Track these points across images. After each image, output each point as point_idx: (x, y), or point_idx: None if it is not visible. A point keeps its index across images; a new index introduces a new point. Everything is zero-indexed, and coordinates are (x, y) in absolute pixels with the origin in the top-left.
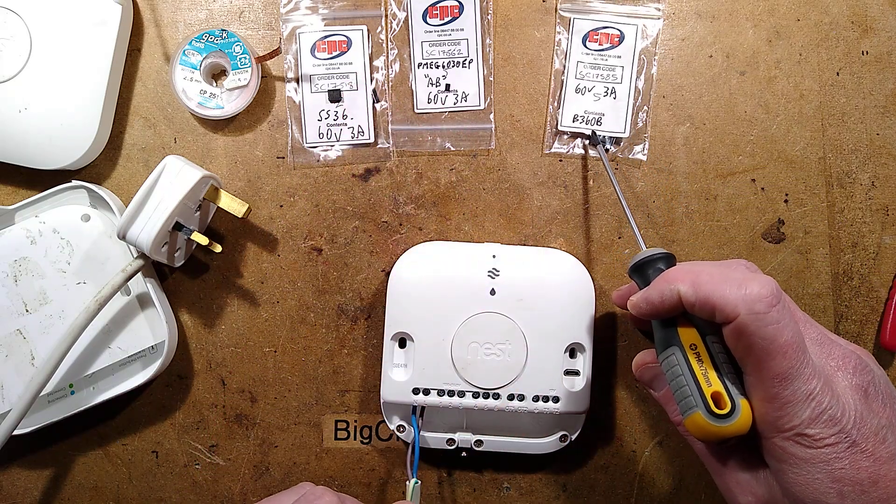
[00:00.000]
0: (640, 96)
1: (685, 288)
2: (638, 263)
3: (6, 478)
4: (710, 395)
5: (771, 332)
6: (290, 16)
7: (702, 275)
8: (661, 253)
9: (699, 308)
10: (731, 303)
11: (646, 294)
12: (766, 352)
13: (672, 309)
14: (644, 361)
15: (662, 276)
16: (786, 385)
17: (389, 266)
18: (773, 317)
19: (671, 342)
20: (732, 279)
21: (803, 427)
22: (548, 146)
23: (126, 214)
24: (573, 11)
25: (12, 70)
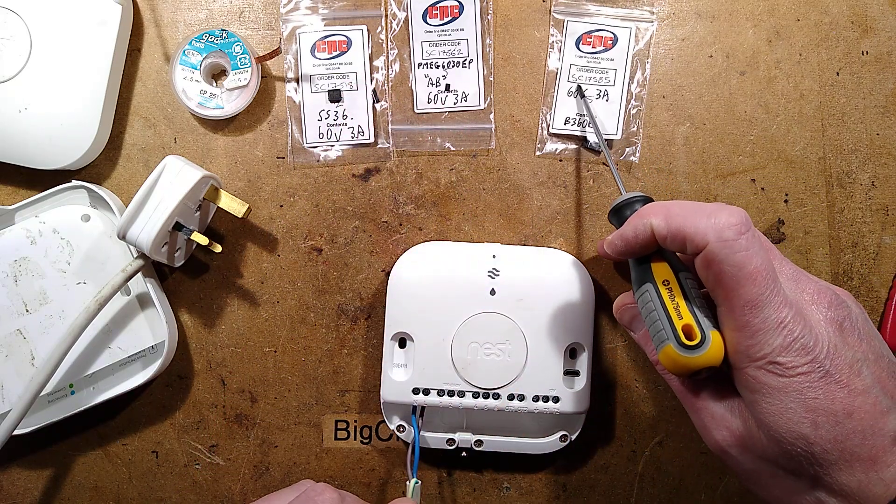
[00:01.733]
0: (633, 99)
1: (657, 221)
2: (616, 206)
3: (6, 478)
4: (682, 328)
5: (740, 259)
6: (290, 16)
7: (673, 207)
8: (639, 196)
9: (671, 240)
10: (701, 231)
11: (621, 231)
12: (735, 279)
13: (646, 244)
14: (623, 303)
15: (637, 213)
16: (756, 312)
17: (389, 266)
18: (741, 244)
19: (645, 279)
20: (703, 210)
21: (774, 355)
22: (540, 148)
23: (126, 214)
24: (567, 14)
25: (12, 70)
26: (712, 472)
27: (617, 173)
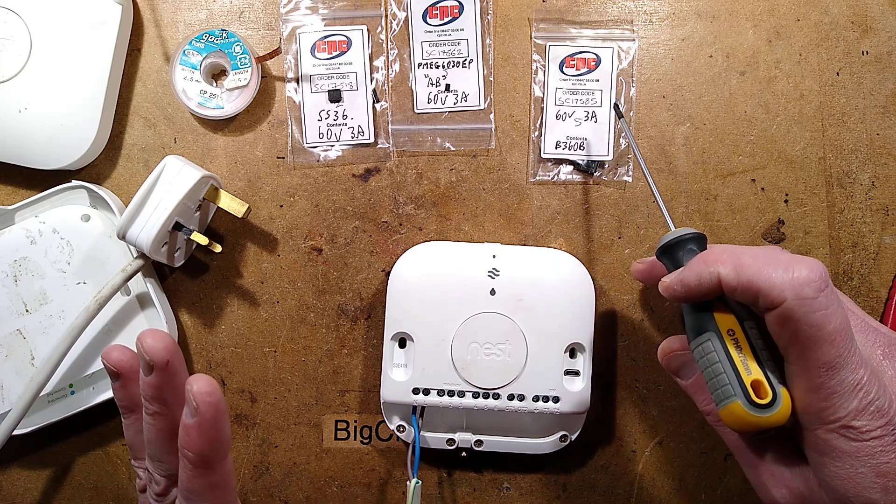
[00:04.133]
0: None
1: (727, 270)
2: (668, 244)
3: (6, 478)
4: (751, 384)
5: (819, 319)
6: (290, 16)
7: (744, 256)
8: (693, 233)
9: (741, 292)
10: (778, 287)
11: (681, 276)
12: (813, 339)
13: (709, 292)
14: (671, 349)
15: (701, 258)
16: (833, 374)
17: (389, 266)
18: (821, 302)
19: (706, 328)
20: (778, 261)
21: (849, 419)
22: (532, 174)
23: (126, 214)
24: (548, 38)
25: (12, 70)
26: (712, 472)
27: (663, 204)
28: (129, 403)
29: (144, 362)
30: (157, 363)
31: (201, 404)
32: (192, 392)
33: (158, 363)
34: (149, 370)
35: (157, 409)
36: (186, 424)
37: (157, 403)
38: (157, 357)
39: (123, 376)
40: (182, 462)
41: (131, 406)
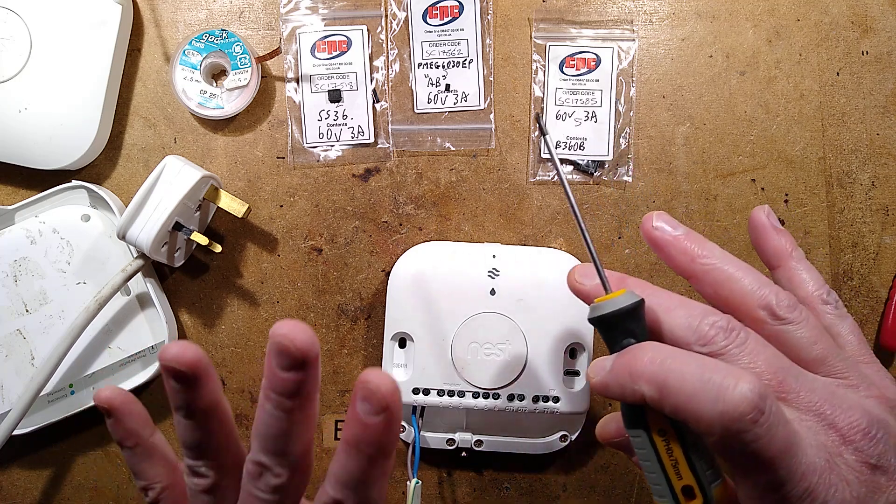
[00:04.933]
0: (621, 118)
1: (650, 392)
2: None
3: (6, 478)
4: (681, 489)
5: (753, 449)
6: (290, 16)
7: (671, 377)
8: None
9: (669, 413)
10: (706, 420)
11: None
12: (750, 465)
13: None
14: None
15: (625, 365)
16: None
17: (389, 266)
18: (755, 434)
19: (638, 423)
20: (708, 384)
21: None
22: (532, 174)
23: (126, 214)
24: (548, 38)
25: (12, 70)
26: None
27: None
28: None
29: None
30: (309, 358)
31: (391, 401)
32: (378, 389)
33: (311, 358)
34: (296, 366)
35: (298, 405)
36: (370, 423)
37: (300, 399)
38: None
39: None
40: (356, 454)
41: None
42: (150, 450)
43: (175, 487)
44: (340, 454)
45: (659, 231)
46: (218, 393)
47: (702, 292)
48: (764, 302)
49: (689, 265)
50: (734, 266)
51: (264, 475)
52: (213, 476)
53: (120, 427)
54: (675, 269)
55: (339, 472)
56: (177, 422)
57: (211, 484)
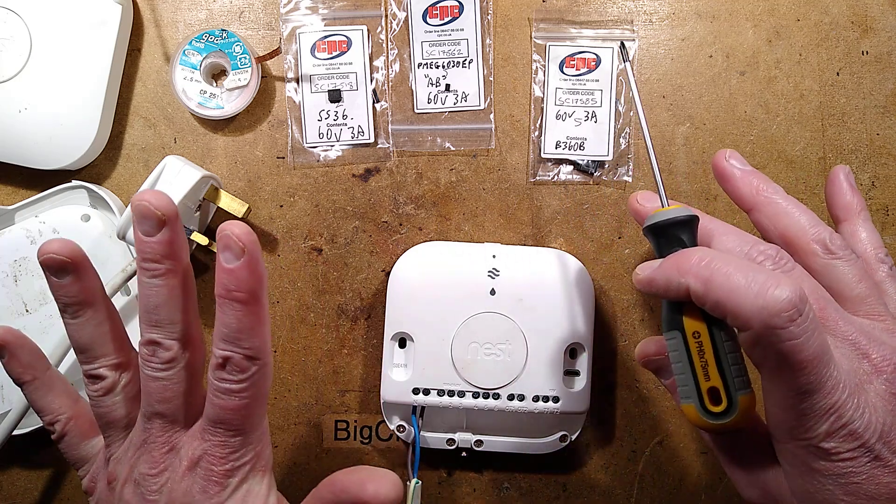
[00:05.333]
0: (621, 118)
1: (696, 285)
2: (653, 226)
3: (6, 478)
4: (707, 391)
5: (787, 349)
6: (290, 16)
7: (717, 274)
8: (682, 217)
9: (710, 309)
10: (745, 314)
11: (651, 276)
12: (782, 366)
13: (678, 298)
14: (646, 353)
15: (675, 262)
16: (803, 398)
17: (389, 266)
18: (791, 332)
19: (674, 325)
20: (752, 282)
21: (818, 440)
22: (532, 174)
23: (126, 214)
24: (548, 38)
25: (12, 70)
26: (712, 472)
27: (658, 173)
28: (84, 297)
29: (152, 220)
30: (169, 216)
31: (248, 243)
32: (235, 235)
33: (170, 216)
34: (159, 227)
35: (170, 267)
36: (231, 268)
37: (171, 260)
38: (169, 211)
39: (78, 266)
40: (229, 306)
41: (87, 300)
42: (49, 382)
43: (80, 417)
44: (218, 313)
45: (729, 164)
46: (100, 289)
47: (759, 224)
48: (819, 236)
49: (752, 196)
50: (794, 203)
51: (156, 351)
52: (111, 375)
53: (15, 362)
54: (739, 199)
55: (220, 329)
56: (67, 326)
57: (111, 384)
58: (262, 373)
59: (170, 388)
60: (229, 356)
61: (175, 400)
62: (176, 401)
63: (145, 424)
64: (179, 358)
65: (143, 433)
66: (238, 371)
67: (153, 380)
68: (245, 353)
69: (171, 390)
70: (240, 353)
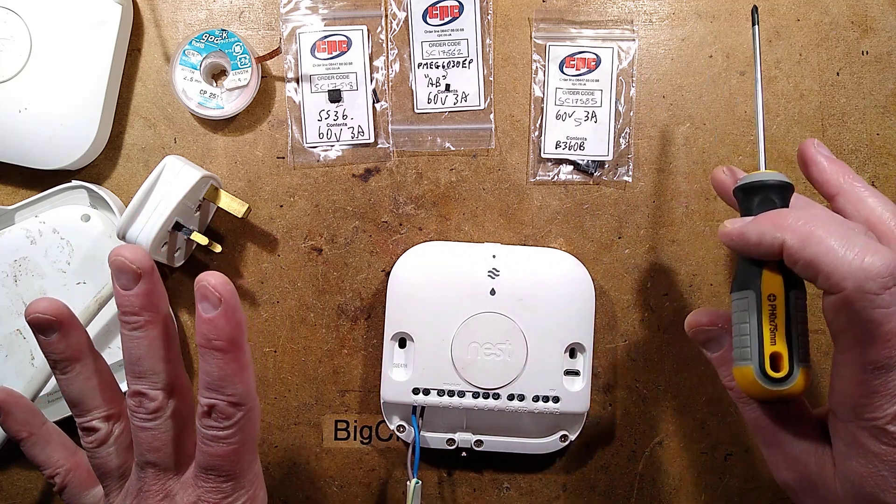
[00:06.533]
0: (621, 118)
1: (793, 241)
2: (748, 185)
3: (6, 478)
4: (770, 355)
5: (877, 317)
6: (290, 16)
7: (816, 231)
8: (778, 181)
9: (802, 267)
10: (840, 273)
11: (744, 228)
12: (866, 336)
13: (767, 255)
14: (699, 323)
15: (772, 217)
16: (878, 374)
17: (389, 266)
18: (884, 300)
19: (749, 285)
20: (850, 244)
21: (884, 422)
22: (532, 174)
23: (126, 214)
24: (548, 38)
25: (12, 70)
26: (712, 472)
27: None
28: (72, 353)
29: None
30: (144, 270)
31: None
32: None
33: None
34: (135, 280)
35: (149, 318)
36: (210, 317)
37: (150, 311)
38: (145, 264)
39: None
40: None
41: (74, 356)
42: (46, 436)
43: (79, 469)
44: (201, 362)
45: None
46: (89, 343)
47: (843, 210)
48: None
49: (838, 182)
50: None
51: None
52: (104, 427)
53: (12, 420)
54: (825, 184)
55: (204, 378)
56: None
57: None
58: (248, 417)
59: (158, 437)
60: (214, 404)
61: (165, 448)
62: (166, 449)
63: (139, 473)
64: (165, 407)
65: (138, 482)
66: (224, 418)
67: (142, 430)
68: (229, 399)
69: (160, 439)
70: (224, 400)
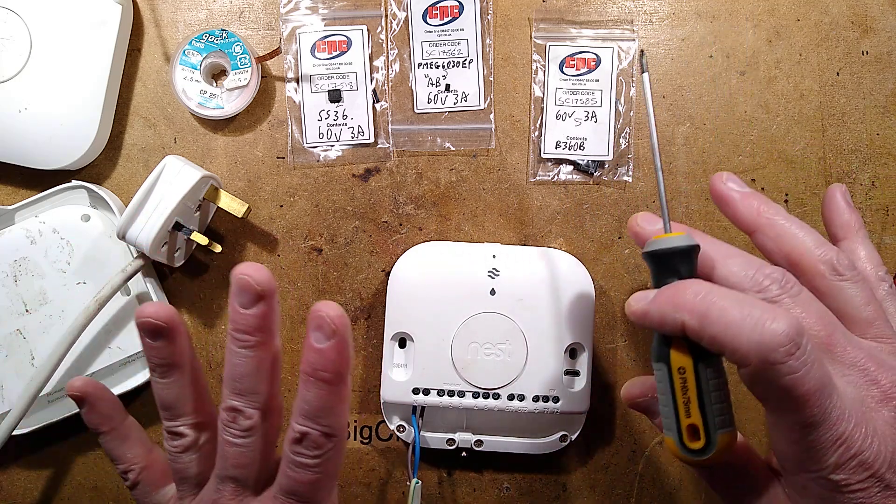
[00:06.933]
0: (621, 118)
1: (691, 321)
2: (651, 253)
3: (6, 478)
4: (686, 427)
5: (788, 383)
6: (290, 16)
7: (713, 308)
8: (682, 247)
9: (707, 344)
10: (743, 349)
11: (647, 308)
12: (785, 401)
13: (674, 332)
14: (631, 396)
15: (669, 296)
16: (808, 432)
17: (389, 266)
18: (791, 366)
19: (661, 358)
20: (747, 317)
21: (827, 472)
22: (532, 174)
23: (126, 214)
24: (548, 38)
25: (12, 70)
26: None
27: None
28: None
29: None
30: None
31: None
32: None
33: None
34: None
35: (261, 340)
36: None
37: (263, 334)
38: (268, 286)
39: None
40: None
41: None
42: (126, 432)
43: (153, 466)
44: (301, 389)
45: (728, 187)
46: (191, 351)
47: (763, 246)
48: (825, 257)
49: (754, 218)
50: (797, 223)
51: (237, 419)
52: (191, 434)
53: (94, 413)
54: (740, 222)
55: (301, 405)
56: (154, 384)
57: (190, 442)
58: (336, 449)
59: (246, 454)
60: (307, 432)
61: (250, 466)
62: (251, 467)
63: (218, 485)
64: (258, 427)
65: (215, 493)
66: (314, 447)
67: (231, 445)
68: (323, 430)
69: (248, 457)
70: (318, 430)
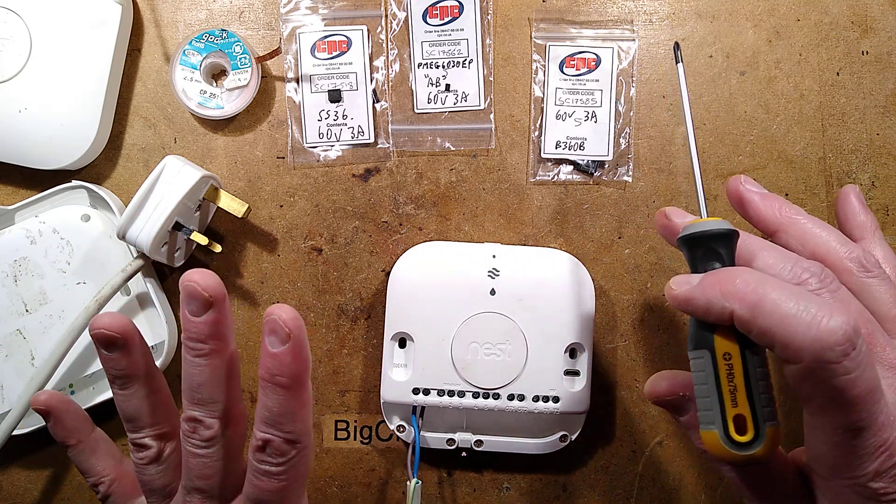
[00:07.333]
0: (621, 118)
1: (742, 311)
2: (689, 237)
3: (6, 478)
4: (732, 418)
5: (840, 384)
6: (290, 16)
7: (767, 298)
8: (724, 230)
9: (755, 336)
10: (796, 345)
11: (690, 293)
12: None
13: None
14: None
15: (718, 282)
16: (852, 436)
17: (389, 266)
18: (845, 367)
19: (704, 345)
20: (803, 312)
21: (866, 480)
22: (532, 174)
23: (126, 214)
24: (548, 38)
25: (12, 70)
26: (712, 472)
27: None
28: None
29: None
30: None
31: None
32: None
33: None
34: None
35: (215, 347)
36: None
37: (216, 340)
38: (217, 293)
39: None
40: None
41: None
42: (94, 445)
43: (124, 478)
44: (260, 395)
45: (748, 189)
46: (149, 361)
47: (787, 246)
48: (852, 254)
49: (777, 218)
50: (819, 223)
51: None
52: (155, 445)
53: (60, 427)
54: (762, 222)
55: (262, 412)
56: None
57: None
58: (301, 455)
59: (209, 465)
60: (270, 439)
61: (214, 477)
62: (215, 477)
63: (185, 497)
64: (220, 436)
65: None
66: (278, 454)
67: (194, 456)
68: (286, 436)
69: (211, 467)
70: (280, 436)
